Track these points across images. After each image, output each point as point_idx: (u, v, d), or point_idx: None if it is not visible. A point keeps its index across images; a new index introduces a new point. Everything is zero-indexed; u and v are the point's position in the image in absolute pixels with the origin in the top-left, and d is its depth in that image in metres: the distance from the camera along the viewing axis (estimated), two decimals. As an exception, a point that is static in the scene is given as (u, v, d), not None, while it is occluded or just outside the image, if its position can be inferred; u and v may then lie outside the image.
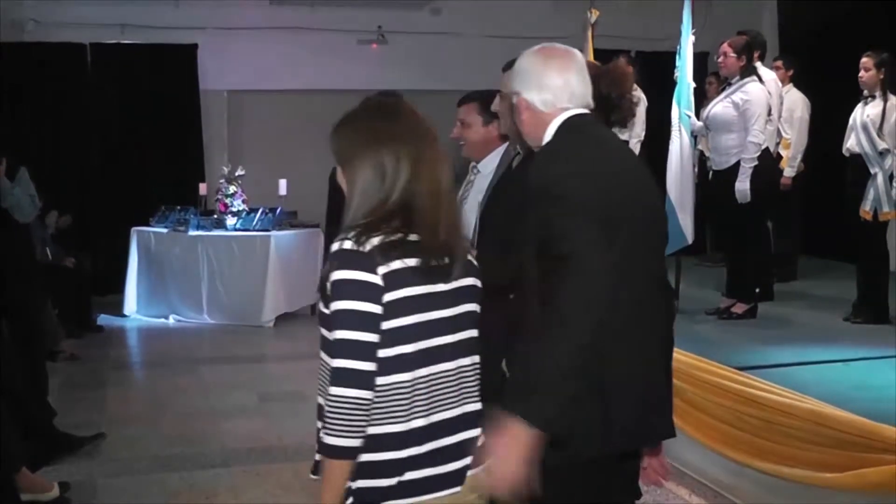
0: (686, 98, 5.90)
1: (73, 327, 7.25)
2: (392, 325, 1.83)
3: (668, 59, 6.24)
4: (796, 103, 7.09)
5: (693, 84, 5.97)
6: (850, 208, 5.69)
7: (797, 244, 7.59)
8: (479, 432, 1.99)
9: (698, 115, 6.06)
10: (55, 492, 4.12)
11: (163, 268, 8.38)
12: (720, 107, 5.77)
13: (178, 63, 9.54)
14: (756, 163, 5.62)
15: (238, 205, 8.34)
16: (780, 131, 6.65)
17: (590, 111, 2.32)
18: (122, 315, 8.41)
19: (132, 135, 9.37)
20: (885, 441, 3.27)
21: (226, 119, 9.94)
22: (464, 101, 3.30)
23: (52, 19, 8.99)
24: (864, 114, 5.62)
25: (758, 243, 5.94)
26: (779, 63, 7.20)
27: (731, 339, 5.26)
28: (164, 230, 8.46)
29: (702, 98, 6.93)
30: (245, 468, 4.63)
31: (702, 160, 7.23)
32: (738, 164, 5.65)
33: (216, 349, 7.43)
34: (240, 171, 8.37)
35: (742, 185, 5.62)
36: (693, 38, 5.92)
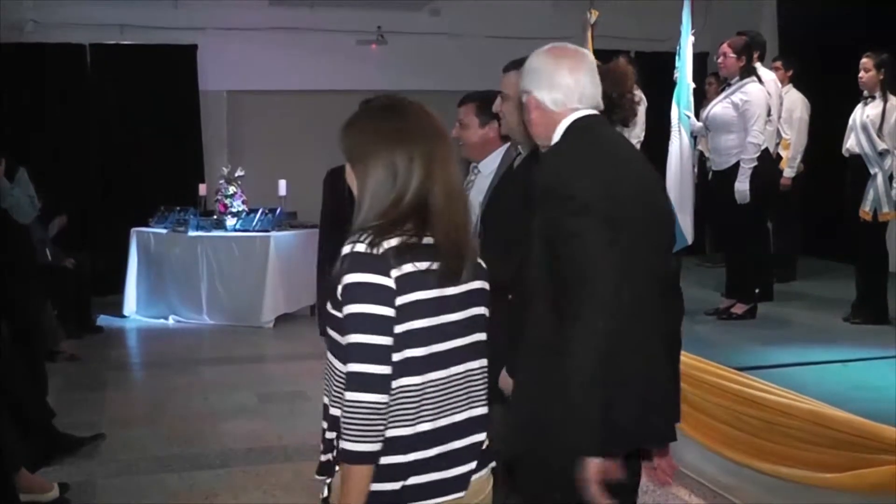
0: (686, 98, 5.89)
1: (73, 328, 7.24)
2: (404, 328, 1.81)
3: (667, 60, 6.24)
4: (796, 104, 7.10)
5: (693, 84, 5.96)
6: (850, 209, 5.69)
7: (797, 244, 7.58)
8: (485, 436, 1.98)
9: (698, 116, 6.06)
10: (55, 492, 4.12)
11: (162, 268, 8.37)
12: (720, 107, 5.78)
13: (177, 64, 9.54)
14: (755, 163, 5.62)
15: (238, 205, 8.34)
16: (779, 132, 6.65)
17: (599, 112, 2.32)
18: (122, 315, 8.41)
19: (132, 135, 9.37)
20: (885, 441, 3.27)
21: (225, 119, 9.94)
22: (463, 102, 3.31)
23: (52, 20, 8.98)
24: (864, 114, 5.62)
25: (757, 244, 5.94)
26: (778, 63, 7.21)
27: (731, 340, 5.26)
28: (164, 231, 8.45)
29: (701, 98, 6.93)
30: (245, 468, 4.63)
31: (701, 160, 7.24)
32: (737, 164, 5.66)
33: (216, 350, 7.43)
34: (239, 172, 8.37)
35: (741, 186, 5.62)
36: (692, 39, 5.91)
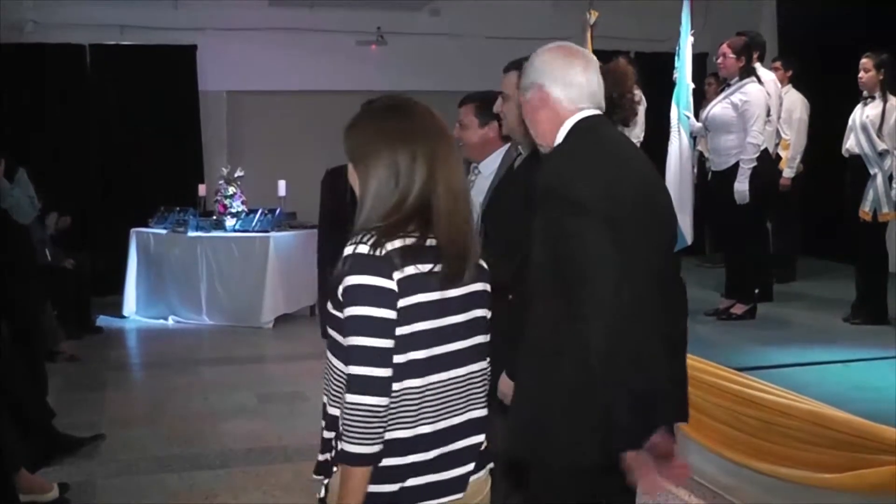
0: (685, 99, 5.90)
1: (73, 328, 7.23)
2: (405, 330, 1.81)
3: (667, 60, 6.24)
4: (795, 104, 7.10)
5: (692, 85, 5.97)
6: (850, 209, 5.69)
7: (796, 245, 7.59)
8: (484, 438, 1.98)
9: (697, 116, 6.06)
10: (54, 492, 4.12)
11: (162, 269, 8.37)
12: (719, 108, 5.78)
13: (177, 64, 9.54)
14: (755, 164, 5.63)
15: (237, 206, 8.34)
16: (779, 132, 6.65)
17: (602, 112, 2.33)
18: (122, 316, 8.41)
19: (131, 136, 9.37)
20: (884, 442, 3.27)
21: (225, 120, 9.94)
22: (463, 103, 3.30)
23: (52, 20, 8.99)
24: (864, 114, 5.62)
25: (757, 244, 5.95)
26: (778, 64, 7.21)
27: (731, 340, 5.26)
28: (164, 231, 8.45)
29: (701, 99, 6.93)
30: (244, 469, 4.63)
31: (701, 161, 7.24)
32: (737, 164, 5.66)
33: (215, 350, 7.43)
34: (239, 172, 8.36)
35: (741, 186, 5.62)
36: (692, 39, 5.92)
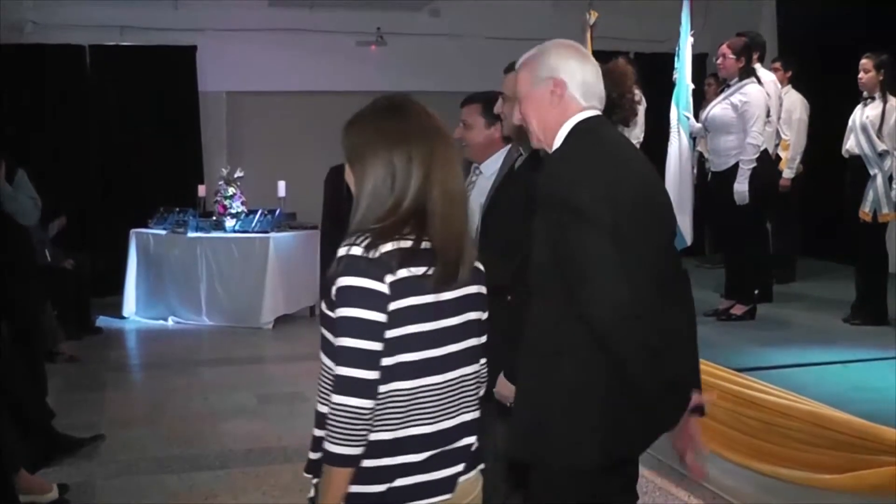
0: (685, 99, 5.90)
1: (73, 329, 7.23)
2: (396, 333, 1.81)
3: (666, 61, 6.25)
4: (795, 105, 7.10)
5: (692, 85, 5.98)
6: (850, 210, 5.69)
7: (796, 245, 7.59)
8: (475, 439, 1.98)
9: (697, 117, 6.06)
10: (54, 493, 4.11)
11: (162, 269, 8.37)
12: (719, 108, 5.78)
13: (177, 65, 9.54)
14: (755, 164, 5.62)
15: (237, 206, 8.34)
16: (778, 133, 6.65)
17: (601, 113, 2.32)
18: (121, 317, 8.41)
19: (131, 136, 9.37)
20: (884, 443, 3.27)
21: (225, 120, 9.94)
22: (466, 103, 3.27)
23: (52, 21, 8.99)
24: (864, 115, 5.62)
25: (756, 245, 5.94)
26: (777, 64, 7.21)
27: (730, 341, 5.25)
28: (163, 232, 8.45)
29: (701, 99, 6.94)
30: (244, 469, 4.63)
31: (700, 162, 7.25)
32: (736, 165, 5.66)
33: (215, 351, 7.43)
34: (239, 173, 8.37)
35: (741, 187, 5.62)
36: (692, 40, 5.92)
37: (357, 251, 1.79)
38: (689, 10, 5.95)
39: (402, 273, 1.80)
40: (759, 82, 5.77)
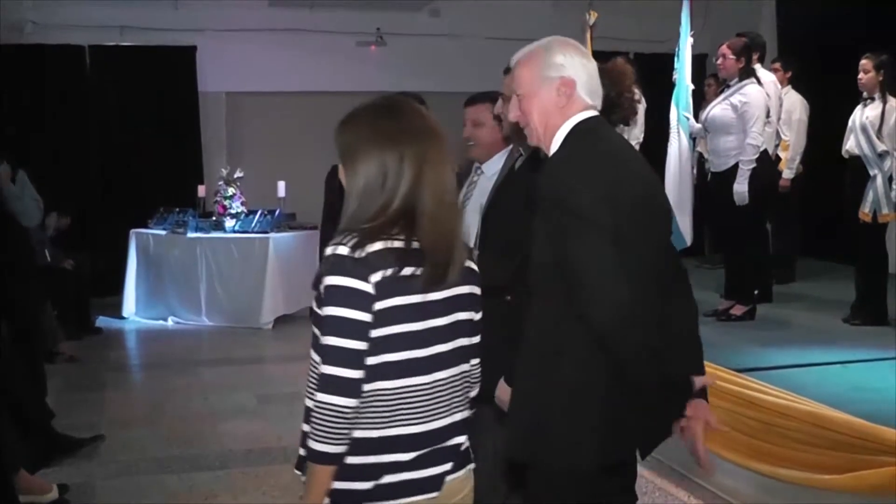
0: (684, 100, 5.90)
1: (72, 329, 7.23)
2: (382, 333, 1.81)
3: (666, 61, 6.25)
4: (795, 105, 7.10)
5: (692, 86, 5.98)
6: (850, 210, 5.69)
7: (796, 246, 7.59)
8: (465, 439, 1.98)
9: (697, 117, 6.06)
10: (54, 493, 4.12)
11: (161, 270, 8.37)
12: (719, 109, 5.78)
13: (176, 65, 9.54)
14: (754, 165, 5.62)
15: (237, 207, 8.34)
16: (778, 133, 6.65)
17: (599, 113, 2.32)
18: (121, 317, 8.42)
19: (131, 137, 9.38)
20: (884, 443, 3.27)
21: (224, 121, 9.94)
22: (475, 101, 3.24)
23: (52, 21, 8.99)
24: (864, 116, 5.62)
25: (756, 245, 5.94)
26: (777, 65, 7.20)
27: (730, 341, 5.25)
28: (163, 232, 8.45)
29: (700, 100, 6.93)
30: (244, 470, 4.63)
31: (700, 162, 7.25)
32: (736, 165, 5.66)
33: (215, 351, 7.43)
34: (238, 173, 8.37)
35: (740, 187, 5.62)
36: (691, 40, 5.92)
37: (343, 251, 1.80)
38: (688, 11, 5.95)
39: (389, 273, 1.80)
40: (759, 83, 5.77)
